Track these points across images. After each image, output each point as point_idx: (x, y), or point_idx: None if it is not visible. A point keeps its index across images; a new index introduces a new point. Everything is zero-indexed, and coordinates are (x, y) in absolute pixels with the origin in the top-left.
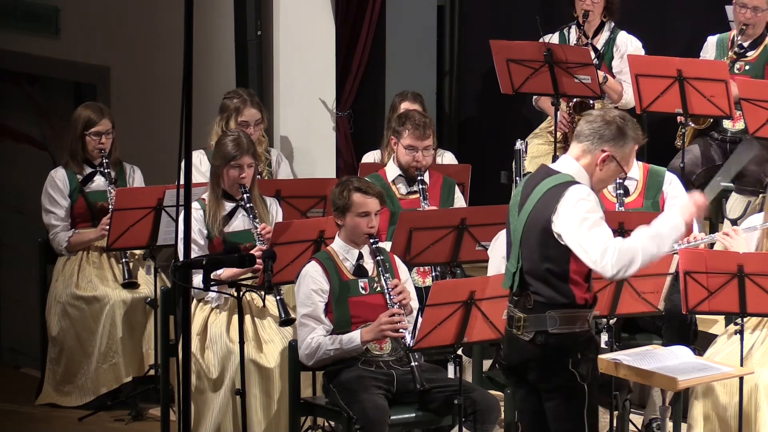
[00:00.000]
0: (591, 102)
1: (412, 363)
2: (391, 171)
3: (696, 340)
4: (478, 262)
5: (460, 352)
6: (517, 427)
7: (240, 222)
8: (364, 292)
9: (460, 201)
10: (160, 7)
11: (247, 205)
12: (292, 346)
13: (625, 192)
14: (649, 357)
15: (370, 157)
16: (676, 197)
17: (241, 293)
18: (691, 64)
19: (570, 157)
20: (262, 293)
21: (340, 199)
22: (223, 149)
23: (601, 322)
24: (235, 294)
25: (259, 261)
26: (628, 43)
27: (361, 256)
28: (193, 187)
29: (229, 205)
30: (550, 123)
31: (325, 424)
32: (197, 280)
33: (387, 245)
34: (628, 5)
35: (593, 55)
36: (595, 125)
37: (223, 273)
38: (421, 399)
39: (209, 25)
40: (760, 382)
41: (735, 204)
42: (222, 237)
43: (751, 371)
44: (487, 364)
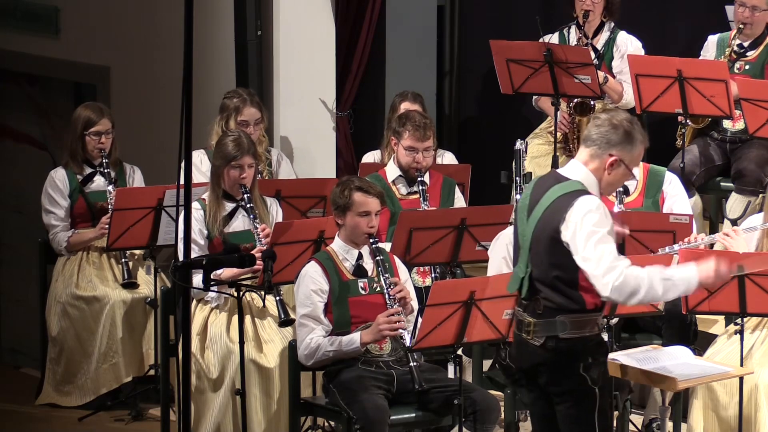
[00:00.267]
0: (591, 102)
1: (411, 363)
2: (391, 171)
3: (696, 340)
4: (478, 262)
5: (460, 352)
6: (517, 428)
7: (240, 222)
8: (363, 292)
9: (460, 201)
10: (160, 7)
11: (248, 205)
12: (292, 346)
13: (625, 191)
14: (649, 357)
15: (370, 157)
16: (676, 196)
17: (241, 293)
18: (691, 64)
19: (578, 162)
20: (262, 293)
21: (341, 198)
22: (224, 149)
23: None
24: (235, 294)
25: (259, 261)
26: (628, 43)
27: (360, 256)
28: (194, 187)
29: (229, 206)
30: (550, 123)
31: (325, 424)
32: (197, 280)
33: (387, 245)
34: (628, 5)
35: (593, 55)
36: (602, 129)
37: (223, 273)
38: (421, 399)
39: (209, 25)
40: (760, 382)
41: (735, 204)
42: (222, 237)
43: (751, 371)
44: (487, 364)
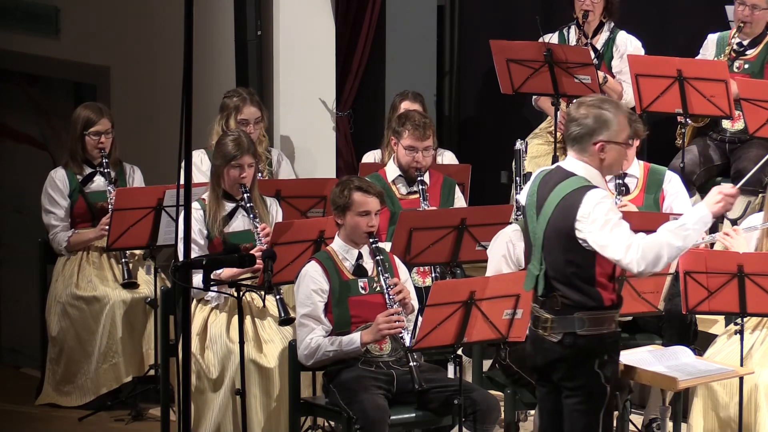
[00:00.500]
0: None
1: (411, 363)
2: (391, 171)
3: (696, 340)
4: (478, 262)
5: (460, 352)
6: (517, 428)
7: (240, 222)
8: (363, 291)
9: (460, 201)
10: (160, 7)
11: (248, 205)
12: (292, 346)
13: (626, 189)
14: (649, 357)
15: (370, 157)
16: (676, 194)
17: (241, 293)
18: (691, 64)
19: (572, 159)
20: (262, 293)
21: (341, 197)
22: (224, 149)
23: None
24: (235, 294)
25: (259, 261)
26: (628, 43)
27: (360, 256)
28: (193, 187)
29: (229, 205)
30: (550, 123)
31: (325, 424)
32: (197, 280)
33: (387, 245)
34: (628, 5)
35: (593, 55)
36: (571, 131)
37: (223, 273)
38: (421, 399)
39: (209, 25)
40: (760, 382)
41: (735, 204)
42: (222, 237)
43: (751, 371)
44: (487, 364)
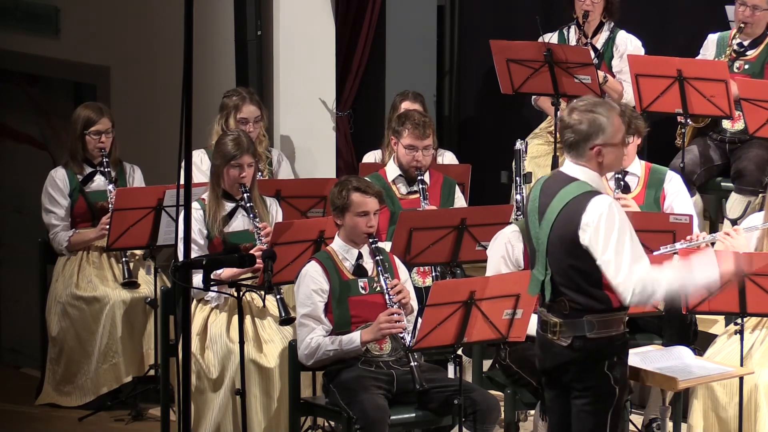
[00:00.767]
0: None
1: (412, 363)
2: (392, 171)
3: (696, 340)
4: (478, 262)
5: (460, 352)
6: (517, 428)
7: (240, 222)
8: (363, 291)
9: (460, 201)
10: (160, 7)
11: (247, 204)
12: (292, 346)
13: (626, 188)
14: (649, 357)
15: (371, 157)
16: (676, 194)
17: (241, 293)
18: (691, 64)
19: (571, 164)
20: (262, 293)
21: (339, 198)
22: (223, 149)
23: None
24: (235, 294)
25: (259, 261)
26: (628, 43)
27: (360, 256)
28: (193, 187)
29: (229, 205)
30: (550, 123)
31: (325, 424)
32: (197, 280)
33: (387, 245)
34: (628, 5)
35: (593, 55)
36: (566, 137)
37: (223, 273)
38: (421, 399)
39: (209, 25)
40: (760, 382)
41: (735, 204)
42: (222, 237)
43: (751, 371)
44: (487, 364)
